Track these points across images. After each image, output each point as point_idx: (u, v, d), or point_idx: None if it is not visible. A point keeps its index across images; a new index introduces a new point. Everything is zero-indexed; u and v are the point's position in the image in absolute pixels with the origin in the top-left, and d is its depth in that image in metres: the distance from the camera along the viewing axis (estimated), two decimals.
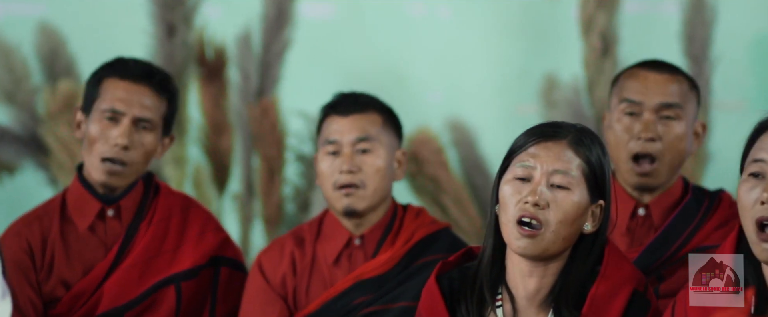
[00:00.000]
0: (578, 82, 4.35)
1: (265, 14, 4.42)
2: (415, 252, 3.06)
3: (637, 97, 2.97)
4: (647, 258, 2.91)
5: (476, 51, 4.45)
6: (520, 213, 2.42)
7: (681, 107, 2.96)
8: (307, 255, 3.12)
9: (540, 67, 4.40)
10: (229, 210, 4.47)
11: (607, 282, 2.45)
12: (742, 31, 4.25)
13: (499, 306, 2.48)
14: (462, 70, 4.46)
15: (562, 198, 2.42)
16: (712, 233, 2.94)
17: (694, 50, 4.26)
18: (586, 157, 2.44)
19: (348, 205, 3.06)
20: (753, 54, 4.28)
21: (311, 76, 4.48)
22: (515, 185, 2.45)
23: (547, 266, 2.46)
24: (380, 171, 3.07)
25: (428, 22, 4.47)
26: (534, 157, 2.45)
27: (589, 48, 4.31)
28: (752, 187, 2.29)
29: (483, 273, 2.49)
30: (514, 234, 2.43)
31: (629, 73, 3.03)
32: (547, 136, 2.46)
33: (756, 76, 4.28)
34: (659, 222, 2.97)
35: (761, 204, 2.27)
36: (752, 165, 2.31)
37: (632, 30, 4.31)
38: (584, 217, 2.45)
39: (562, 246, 2.45)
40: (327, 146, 3.10)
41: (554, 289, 2.46)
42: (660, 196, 2.99)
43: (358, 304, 3.03)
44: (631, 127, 2.96)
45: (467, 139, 4.43)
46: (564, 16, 4.37)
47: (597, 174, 2.45)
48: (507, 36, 4.44)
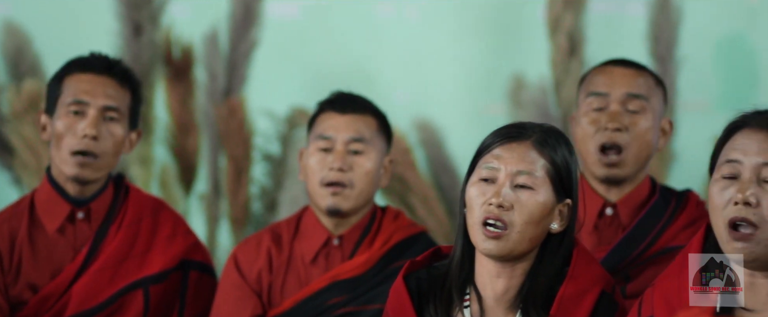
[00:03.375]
0: (545, 82, 4.36)
1: (233, 14, 4.40)
2: (392, 255, 3.06)
3: (604, 88, 2.99)
4: (614, 258, 2.93)
5: (443, 51, 4.46)
6: (484, 214, 2.43)
7: (647, 100, 2.98)
8: (284, 253, 3.11)
9: (507, 67, 4.41)
10: (196, 210, 4.45)
11: (576, 283, 2.46)
12: (707, 32, 4.28)
13: (467, 307, 2.49)
14: (429, 70, 4.46)
15: (527, 198, 2.43)
16: (680, 233, 2.96)
17: (659, 50, 4.29)
18: (550, 156, 2.45)
19: (333, 204, 3.05)
20: (718, 55, 4.32)
21: (278, 75, 4.47)
22: (480, 187, 2.46)
23: (514, 266, 2.47)
24: (369, 174, 3.07)
25: (395, 22, 4.47)
26: (498, 159, 2.46)
27: (556, 48, 4.33)
28: (725, 188, 2.30)
29: (452, 274, 2.50)
30: (481, 237, 2.44)
31: (596, 70, 3.06)
32: (511, 137, 2.47)
33: (721, 76, 4.31)
34: (627, 222, 2.99)
35: (734, 204, 2.28)
36: (725, 166, 2.32)
37: (599, 30, 4.33)
38: (550, 217, 2.46)
39: (529, 246, 2.46)
40: (319, 142, 3.09)
41: (522, 290, 2.47)
42: (628, 196, 3.00)
43: (333, 305, 3.02)
44: (598, 119, 2.98)
45: (434, 139, 4.43)
46: (531, 16, 4.38)
47: (562, 173, 2.46)
48: (474, 36, 4.45)
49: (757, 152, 2.29)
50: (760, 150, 2.29)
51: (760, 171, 2.28)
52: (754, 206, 2.26)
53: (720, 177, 2.32)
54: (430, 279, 2.51)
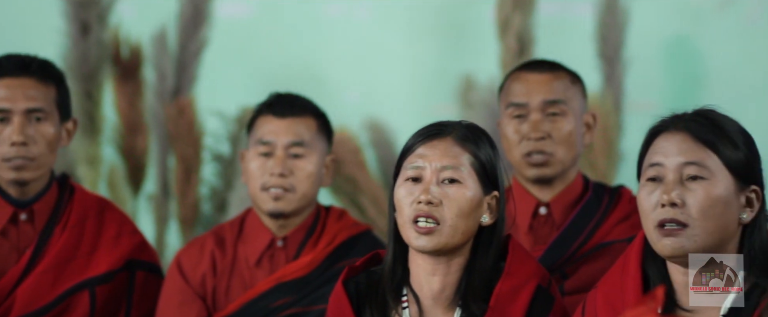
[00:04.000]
0: (495, 82, 4.38)
1: (181, 13, 4.38)
2: (337, 255, 3.06)
3: (521, 98, 3.01)
4: (551, 257, 2.95)
5: (394, 51, 4.46)
6: (415, 213, 2.45)
7: (565, 103, 3.01)
8: (227, 255, 3.10)
9: (457, 67, 4.42)
10: (145, 210, 4.43)
11: (512, 278, 2.47)
12: (654, 33, 4.32)
13: (405, 308, 2.50)
14: (379, 70, 4.47)
15: (455, 192, 2.45)
16: (614, 228, 2.99)
17: (607, 51, 4.32)
18: (473, 150, 2.47)
19: (275, 208, 3.05)
20: (665, 55, 4.36)
21: (228, 75, 4.45)
22: (407, 187, 2.47)
23: (449, 263, 2.48)
24: (311, 176, 3.06)
25: (345, 22, 4.47)
26: (422, 157, 2.47)
27: (505, 49, 4.35)
28: (651, 191, 2.33)
29: (386, 277, 2.51)
30: (413, 234, 2.45)
31: (512, 77, 3.08)
32: (432, 135, 2.48)
33: (667, 77, 4.36)
34: (561, 221, 3.01)
35: (661, 206, 2.31)
36: (649, 170, 2.35)
37: (547, 31, 4.36)
38: (480, 210, 2.48)
39: (462, 240, 2.47)
40: (259, 146, 3.08)
41: (460, 287, 2.49)
42: (560, 194, 3.03)
43: (278, 306, 3.02)
44: (520, 128, 3.00)
45: (385, 139, 4.44)
46: (480, 17, 4.40)
47: (487, 166, 2.48)
48: (424, 36, 4.46)
49: (677, 153, 2.32)
50: (680, 150, 2.32)
51: (681, 171, 2.32)
52: (680, 206, 2.29)
53: (645, 181, 2.35)
54: (369, 283, 2.52)
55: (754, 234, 2.32)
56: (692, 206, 2.29)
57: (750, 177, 2.33)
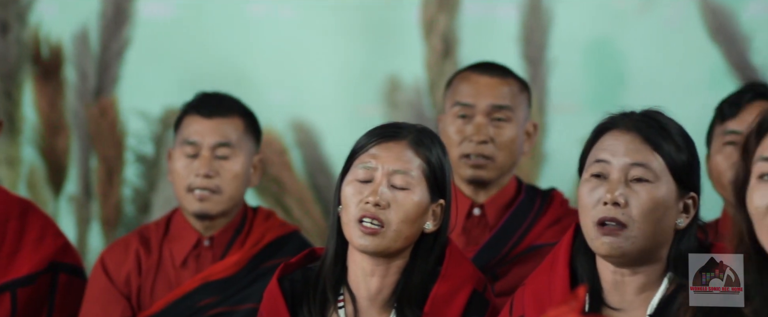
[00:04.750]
0: (420, 83, 4.39)
1: (103, 12, 4.33)
2: (264, 255, 3.04)
3: (469, 99, 3.02)
4: (483, 258, 2.97)
5: (319, 51, 4.45)
6: (361, 213, 2.44)
7: (511, 109, 3.02)
8: (153, 255, 3.07)
9: (382, 68, 4.43)
10: (66, 211, 4.37)
11: (448, 282, 2.48)
12: (576, 35, 4.37)
13: (342, 307, 2.50)
14: (305, 70, 4.46)
15: (403, 198, 2.45)
16: (545, 231, 3.01)
17: (531, 53, 4.35)
18: (426, 157, 2.47)
19: (201, 209, 3.02)
20: (587, 57, 4.40)
21: (151, 75, 4.41)
22: (356, 186, 2.46)
23: (388, 265, 2.48)
24: (238, 177, 3.04)
25: (270, 22, 4.45)
26: (375, 158, 2.47)
27: (430, 49, 4.36)
28: (594, 188, 2.34)
29: (325, 274, 2.50)
30: (357, 233, 2.45)
31: (461, 77, 3.08)
32: (387, 137, 2.48)
33: (590, 78, 4.40)
34: (494, 222, 3.03)
35: (603, 204, 2.32)
36: (594, 166, 2.35)
37: (472, 32, 4.38)
38: (425, 217, 2.48)
39: (403, 245, 2.48)
40: (185, 147, 3.05)
41: (396, 289, 2.48)
42: (494, 196, 3.05)
43: (204, 306, 2.99)
44: (463, 129, 3.01)
45: (310, 139, 4.43)
46: (405, 17, 4.41)
47: (437, 173, 2.48)
48: (349, 37, 4.46)
49: (625, 153, 2.33)
50: (628, 151, 2.33)
51: (628, 171, 2.33)
52: (623, 206, 2.31)
53: (589, 177, 2.36)
54: (304, 280, 2.50)
55: (683, 240, 2.34)
56: (634, 207, 2.30)
57: (690, 183, 2.34)
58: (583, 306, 2.15)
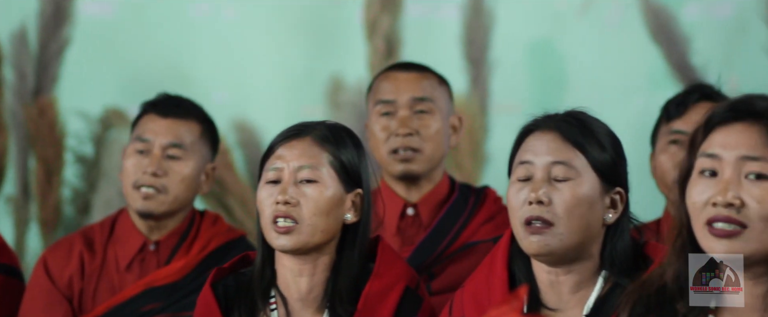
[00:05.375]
0: (363, 83, 4.39)
1: (42, 11, 4.29)
2: (210, 261, 3.03)
3: (390, 96, 3.05)
4: (418, 257, 2.98)
5: (261, 51, 4.44)
6: (274, 214, 2.45)
7: (433, 101, 3.05)
8: (97, 258, 3.04)
9: (325, 68, 4.42)
10: (4, 212, 4.32)
11: (381, 279, 2.49)
12: (518, 36, 4.39)
13: (274, 310, 2.49)
14: (247, 70, 4.44)
15: (312, 191, 2.46)
16: (479, 229, 3.03)
17: (473, 54, 4.37)
18: (332, 150, 2.48)
19: (144, 208, 3.00)
20: (529, 58, 4.43)
21: (91, 75, 4.37)
22: (267, 189, 2.48)
23: (315, 263, 2.49)
24: (185, 180, 3.03)
25: (212, 22, 4.43)
26: (281, 158, 2.48)
27: (373, 50, 4.37)
28: (520, 189, 2.37)
29: (254, 279, 2.50)
30: (273, 234, 2.46)
31: (381, 77, 3.12)
32: (291, 136, 2.50)
33: (532, 79, 4.42)
34: (428, 221, 3.05)
35: (529, 204, 2.34)
36: (519, 168, 2.39)
37: (415, 33, 4.39)
38: (341, 208, 2.49)
39: (324, 238, 2.48)
40: (137, 143, 3.04)
41: (327, 288, 2.48)
42: (427, 195, 3.06)
43: (147, 311, 2.97)
44: (388, 125, 3.04)
45: (253, 139, 4.41)
46: (348, 18, 4.41)
47: (348, 165, 2.49)
48: (292, 37, 4.45)
49: (547, 152, 2.36)
50: (550, 150, 2.36)
51: (550, 170, 2.36)
52: (547, 204, 2.33)
53: (515, 179, 2.39)
54: (237, 285, 2.50)
55: (616, 236, 2.36)
56: (558, 205, 2.33)
57: (615, 179, 2.37)
58: (523, 307, 2.17)
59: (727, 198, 1.98)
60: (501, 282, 2.40)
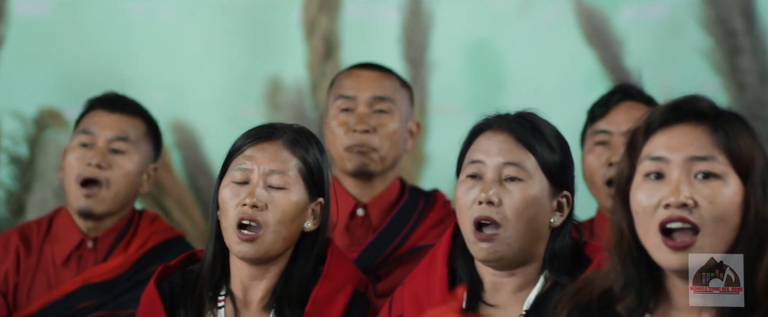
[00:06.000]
0: (302, 84, 4.39)
1: None
2: (147, 259, 3.01)
3: (351, 92, 3.07)
4: (366, 258, 2.98)
5: (199, 52, 4.42)
6: (239, 216, 2.43)
7: (393, 101, 3.07)
8: (33, 254, 3.02)
9: (264, 69, 4.41)
10: None
11: (329, 282, 2.48)
12: (457, 37, 4.41)
13: (221, 308, 2.48)
14: (185, 71, 4.41)
15: (280, 198, 2.44)
16: (428, 232, 3.04)
17: (411, 54, 4.38)
18: (302, 156, 2.47)
19: (86, 206, 2.99)
20: (467, 59, 4.45)
21: (26, 75, 4.32)
22: (233, 189, 2.46)
23: (269, 267, 2.48)
24: (129, 176, 3.01)
25: (149, 21, 4.40)
26: (250, 159, 2.46)
27: (312, 51, 4.36)
28: (470, 188, 2.37)
29: (204, 277, 2.48)
30: (235, 239, 2.43)
31: (344, 74, 3.14)
32: (262, 138, 2.48)
33: (470, 80, 4.45)
34: (377, 223, 3.05)
35: (478, 204, 2.35)
36: (470, 167, 2.39)
37: (354, 34, 4.39)
38: (304, 216, 2.48)
39: (283, 246, 2.47)
40: (81, 136, 3.04)
41: (276, 290, 2.48)
42: (378, 196, 3.07)
43: (83, 308, 2.95)
44: (347, 121, 3.05)
45: (190, 140, 4.39)
46: (287, 18, 4.40)
47: (314, 172, 2.49)
48: (230, 37, 4.43)
49: (498, 152, 2.37)
50: (501, 150, 2.37)
51: (501, 170, 2.37)
52: (497, 205, 2.34)
53: (465, 177, 2.39)
54: (183, 283, 2.49)
55: (558, 238, 2.38)
56: (508, 206, 2.34)
57: (563, 182, 2.39)
58: (462, 306, 2.18)
59: (681, 198, 1.98)
60: (441, 281, 2.41)
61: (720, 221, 1.99)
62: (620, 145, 3.13)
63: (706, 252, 1.99)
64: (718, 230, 1.99)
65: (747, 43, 4.15)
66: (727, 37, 4.16)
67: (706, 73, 4.20)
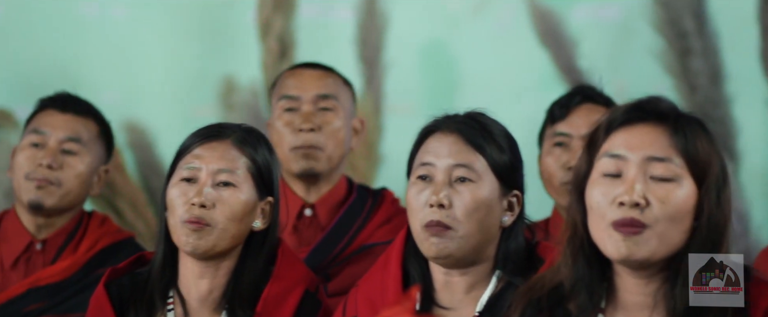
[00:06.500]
0: (256, 84, 4.38)
1: None
2: (96, 261, 3.01)
3: (295, 91, 3.08)
4: (315, 258, 2.99)
5: (152, 51, 4.39)
6: (187, 215, 2.42)
7: (337, 99, 3.08)
8: None
9: (218, 69, 4.39)
10: None
11: (280, 282, 2.48)
12: (412, 37, 4.42)
13: (171, 310, 2.47)
14: (138, 70, 4.38)
15: (228, 196, 2.44)
16: (377, 231, 3.05)
17: (367, 55, 4.39)
18: (251, 155, 2.47)
19: (36, 198, 2.97)
20: (422, 59, 4.45)
21: None
22: (181, 187, 2.45)
23: (218, 266, 2.47)
24: (80, 176, 3.01)
25: (102, 21, 4.37)
26: (199, 158, 2.46)
27: (266, 51, 4.35)
28: (420, 190, 2.38)
29: (154, 278, 2.47)
30: (184, 232, 2.43)
31: (286, 74, 3.16)
32: (211, 137, 2.48)
33: (425, 80, 4.45)
34: (326, 222, 3.06)
35: (429, 207, 2.36)
36: (420, 169, 2.40)
37: (309, 34, 4.39)
38: (253, 215, 2.47)
39: (231, 244, 2.46)
40: (32, 136, 3.03)
41: (227, 290, 2.47)
42: (326, 196, 3.08)
43: (31, 311, 2.93)
44: (292, 121, 3.06)
45: (144, 141, 4.36)
46: (241, 18, 4.38)
47: (263, 171, 2.49)
48: (184, 37, 4.41)
49: (448, 154, 2.38)
50: (451, 152, 2.38)
51: (451, 172, 2.38)
52: (447, 207, 2.35)
53: (415, 179, 2.40)
54: (133, 285, 2.48)
55: (510, 238, 2.40)
56: (458, 208, 2.35)
57: (513, 182, 2.40)
58: (415, 306, 2.18)
59: (634, 198, 2.01)
60: (395, 282, 2.42)
61: (670, 221, 2.01)
62: (579, 148, 3.15)
63: (653, 246, 2.01)
64: (668, 230, 2.01)
65: (698, 45, 4.19)
66: (678, 38, 4.20)
67: (659, 74, 4.24)
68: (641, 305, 2.08)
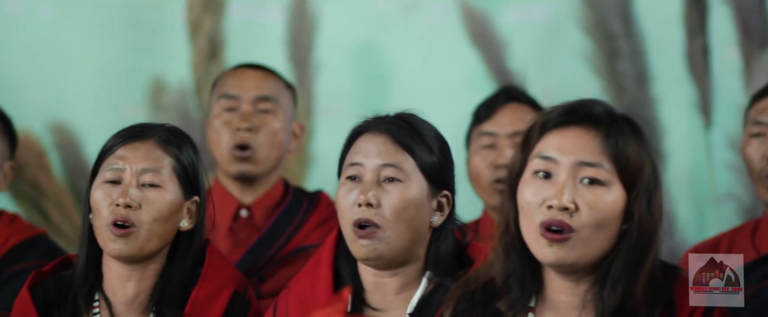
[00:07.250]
0: (186, 85, 4.34)
1: None
2: (8, 259, 2.96)
3: (235, 91, 3.08)
4: (250, 260, 2.98)
5: (80, 51, 4.34)
6: (112, 216, 2.41)
7: (277, 101, 3.09)
8: None
9: (147, 69, 4.35)
10: None
11: (209, 284, 2.47)
12: (342, 38, 4.41)
13: (97, 313, 2.44)
14: (65, 70, 4.33)
15: (154, 196, 2.43)
16: (312, 232, 3.05)
17: (297, 55, 4.38)
18: (175, 154, 2.46)
19: None
20: (353, 60, 4.46)
21: None
22: (105, 189, 2.43)
23: (145, 268, 2.45)
24: None
25: (28, 20, 4.30)
26: (122, 159, 2.44)
27: (196, 51, 4.32)
28: (349, 190, 2.39)
29: (78, 281, 2.44)
30: (109, 237, 2.41)
31: (228, 73, 3.17)
32: (134, 137, 2.46)
33: (356, 81, 4.46)
34: (261, 224, 3.06)
35: (358, 206, 2.36)
36: (349, 169, 2.40)
37: (239, 34, 4.37)
38: (179, 215, 2.46)
39: (158, 245, 2.45)
40: None
41: (154, 292, 2.45)
42: (262, 197, 3.07)
43: None
44: (230, 120, 3.05)
45: (71, 142, 4.31)
46: (170, 18, 4.35)
47: (188, 170, 2.47)
48: (112, 37, 4.36)
49: (377, 154, 2.39)
50: (380, 152, 2.39)
51: (380, 172, 2.38)
52: (376, 207, 2.36)
53: (344, 180, 2.41)
54: (57, 288, 2.45)
55: (440, 238, 2.40)
56: (386, 207, 2.36)
57: (442, 182, 2.41)
58: (347, 308, 2.18)
59: (563, 202, 2.03)
60: (326, 283, 2.42)
61: (598, 227, 2.03)
62: (506, 147, 3.18)
63: (579, 251, 2.04)
64: (594, 235, 2.03)
65: (625, 46, 4.24)
66: (606, 40, 4.25)
67: (587, 75, 4.28)
68: (570, 305, 2.10)
